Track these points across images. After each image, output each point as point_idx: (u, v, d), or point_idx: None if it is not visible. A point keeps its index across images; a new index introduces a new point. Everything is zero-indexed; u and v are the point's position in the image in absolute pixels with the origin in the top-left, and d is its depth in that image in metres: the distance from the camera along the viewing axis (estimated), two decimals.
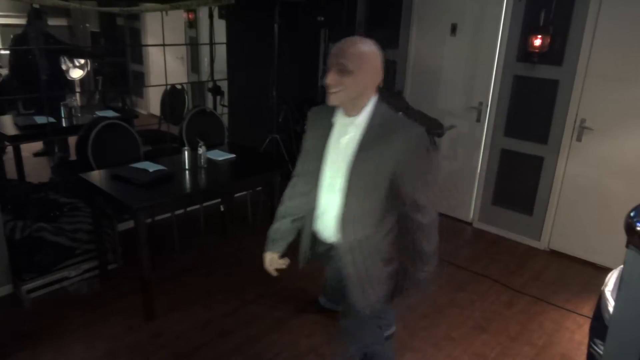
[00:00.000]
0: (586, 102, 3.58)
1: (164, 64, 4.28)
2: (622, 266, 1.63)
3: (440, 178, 4.49)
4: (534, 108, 3.87)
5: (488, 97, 4.08)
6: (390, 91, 2.70)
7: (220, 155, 3.48)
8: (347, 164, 1.68)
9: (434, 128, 2.99)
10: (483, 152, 4.21)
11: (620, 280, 1.00)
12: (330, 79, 1.60)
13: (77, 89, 5.53)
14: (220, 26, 4.47)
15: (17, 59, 4.69)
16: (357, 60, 1.57)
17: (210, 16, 4.43)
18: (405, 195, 1.69)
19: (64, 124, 4.26)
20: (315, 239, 1.93)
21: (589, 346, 1.74)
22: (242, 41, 4.50)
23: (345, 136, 1.70)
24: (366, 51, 1.59)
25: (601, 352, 1.63)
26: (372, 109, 1.66)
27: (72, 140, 3.84)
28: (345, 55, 1.57)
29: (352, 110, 1.67)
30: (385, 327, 2.71)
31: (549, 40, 3.59)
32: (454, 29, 4.14)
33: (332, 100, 1.63)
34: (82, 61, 5.23)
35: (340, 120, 1.72)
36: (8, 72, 4.79)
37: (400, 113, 2.72)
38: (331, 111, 1.74)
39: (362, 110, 1.66)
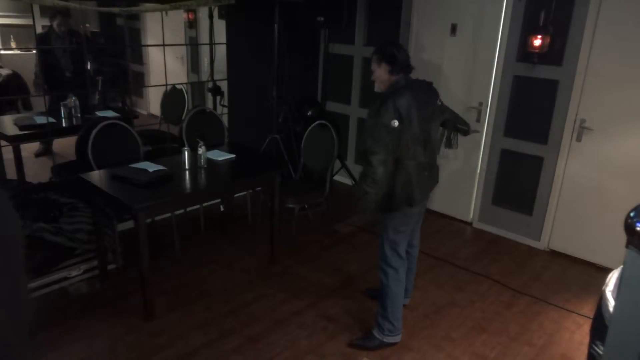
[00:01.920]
0: (586, 102, 3.58)
1: (164, 64, 4.28)
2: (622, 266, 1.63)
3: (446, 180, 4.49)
4: (533, 108, 3.87)
5: (488, 97, 4.08)
6: (423, 81, 2.71)
7: (220, 155, 3.48)
8: None
9: (461, 124, 2.99)
10: (483, 152, 4.21)
11: (620, 280, 1.00)
12: None
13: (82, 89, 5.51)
14: (220, 26, 4.47)
15: (43, 58, 4.65)
16: None
17: (210, 16, 4.43)
18: None
19: (63, 124, 4.25)
20: None
21: (590, 347, 1.74)
22: (242, 41, 4.50)
23: None
24: None
25: (602, 353, 1.63)
26: None
27: (72, 140, 3.84)
28: None
29: None
30: (388, 333, 2.72)
31: (548, 40, 3.59)
32: (454, 29, 4.14)
33: None
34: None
35: None
36: (35, 71, 4.75)
37: (440, 102, 2.75)
38: None
39: None
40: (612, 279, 1.71)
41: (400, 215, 2.62)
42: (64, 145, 4.12)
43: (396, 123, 2.39)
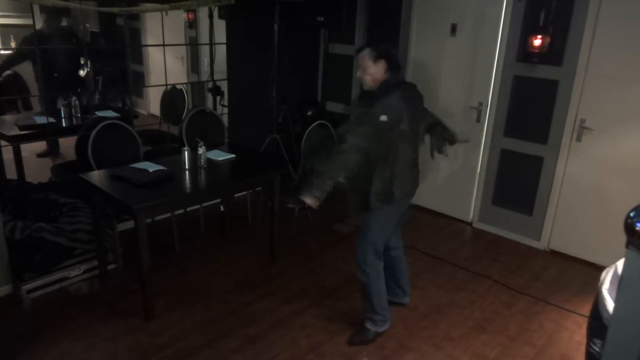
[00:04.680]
0: (586, 102, 3.58)
1: (164, 64, 4.28)
2: (617, 263, 1.63)
3: (441, 178, 4.50)
4: (533, 108, 3.87)
5: (488, 97, 4.08)
6: (409, 83, 2.70)
7: (220, 155, 3.48)
8: None
9: (448, 135, 2.93)
10: (483, 152, 4.21)
11: (620, 281, 1.00)
12: None
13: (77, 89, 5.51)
14: (220, 26, 4.47)
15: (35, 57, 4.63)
16: None
17: (210, 16, 4.43)
18: None
19: (63, 124, 4.25)
20: None
21: (588, 345, 1.74)
22: (242, 41, 4.50)
23: None
24: None
25: (599, 350, 1.63)
26: None
27: (72, 140, 3.84)
28: None
29: None
30: (381, 324, 2.74)
31: (548, 40, 3.59)
32: (454, 29, 4.14)
33: None
34: (83, 60, 5.21)
35: None
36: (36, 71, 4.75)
37: (425, 107, 2.75)
38: None
39: None
40: (608, 276, 1.71)
41: (388, 212, 2.62)
42: (64, 145, 4.13)
43: (385, 117, 2.38)
